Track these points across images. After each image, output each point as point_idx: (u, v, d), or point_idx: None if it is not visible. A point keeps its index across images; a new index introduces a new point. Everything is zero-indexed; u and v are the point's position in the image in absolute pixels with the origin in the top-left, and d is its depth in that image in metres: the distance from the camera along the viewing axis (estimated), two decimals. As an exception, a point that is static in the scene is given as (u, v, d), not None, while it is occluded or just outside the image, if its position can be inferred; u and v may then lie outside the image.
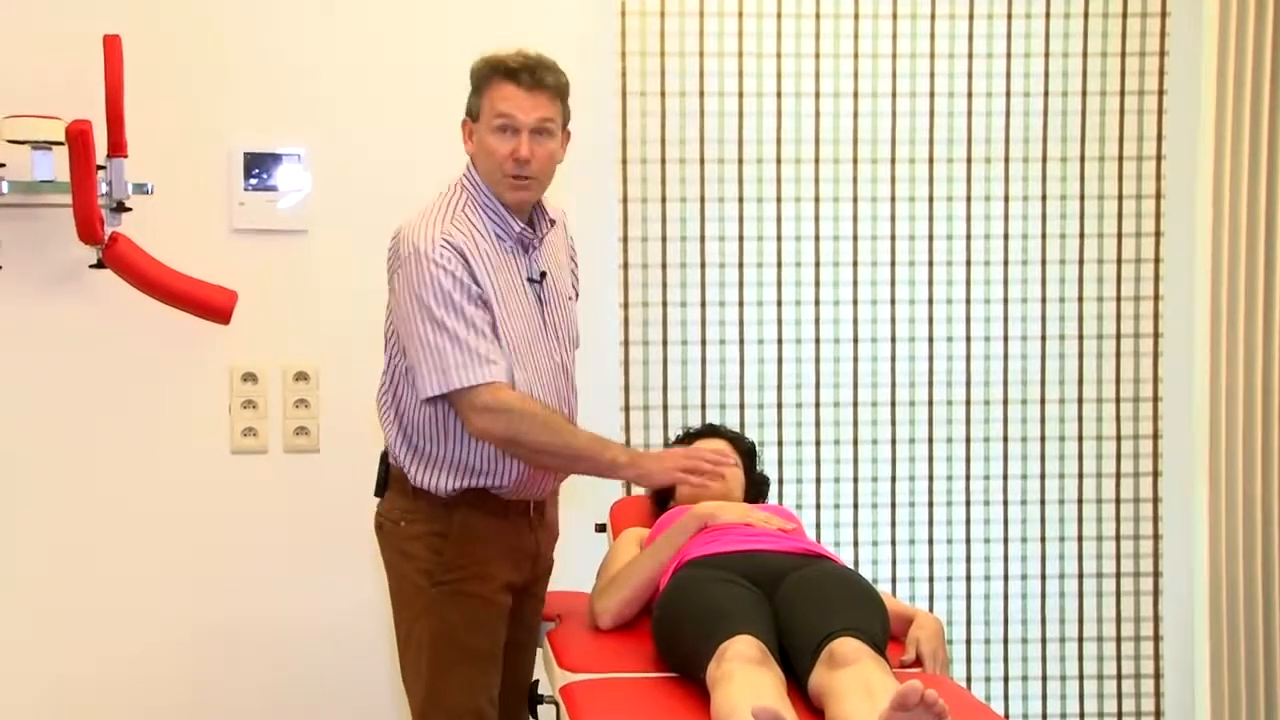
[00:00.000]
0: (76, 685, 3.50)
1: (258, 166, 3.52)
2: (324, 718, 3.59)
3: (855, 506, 3.77)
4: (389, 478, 2.74)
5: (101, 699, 3.51)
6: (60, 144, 3.25)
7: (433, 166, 3.55)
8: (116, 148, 3.30)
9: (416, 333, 2.54)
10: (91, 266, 3.36)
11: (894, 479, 3.78)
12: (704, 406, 3.70)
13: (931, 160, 3.74)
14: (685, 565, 2.77)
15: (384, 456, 2.75)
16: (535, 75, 2.61)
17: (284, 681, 3.57)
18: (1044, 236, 3.79)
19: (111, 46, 3.25)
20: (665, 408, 3.68)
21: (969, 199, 3.76)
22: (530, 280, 2.67)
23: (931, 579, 3.80)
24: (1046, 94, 3.75)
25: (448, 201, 2.65)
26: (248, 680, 3.56)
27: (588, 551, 3.23)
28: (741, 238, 3.70)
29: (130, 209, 3.36)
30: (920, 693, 2.05)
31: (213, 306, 3.41)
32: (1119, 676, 3.84)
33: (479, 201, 2.65)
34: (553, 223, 2.76)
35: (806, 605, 2.54)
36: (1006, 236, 3.78)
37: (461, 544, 2.64)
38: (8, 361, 3.46)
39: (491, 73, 2.63)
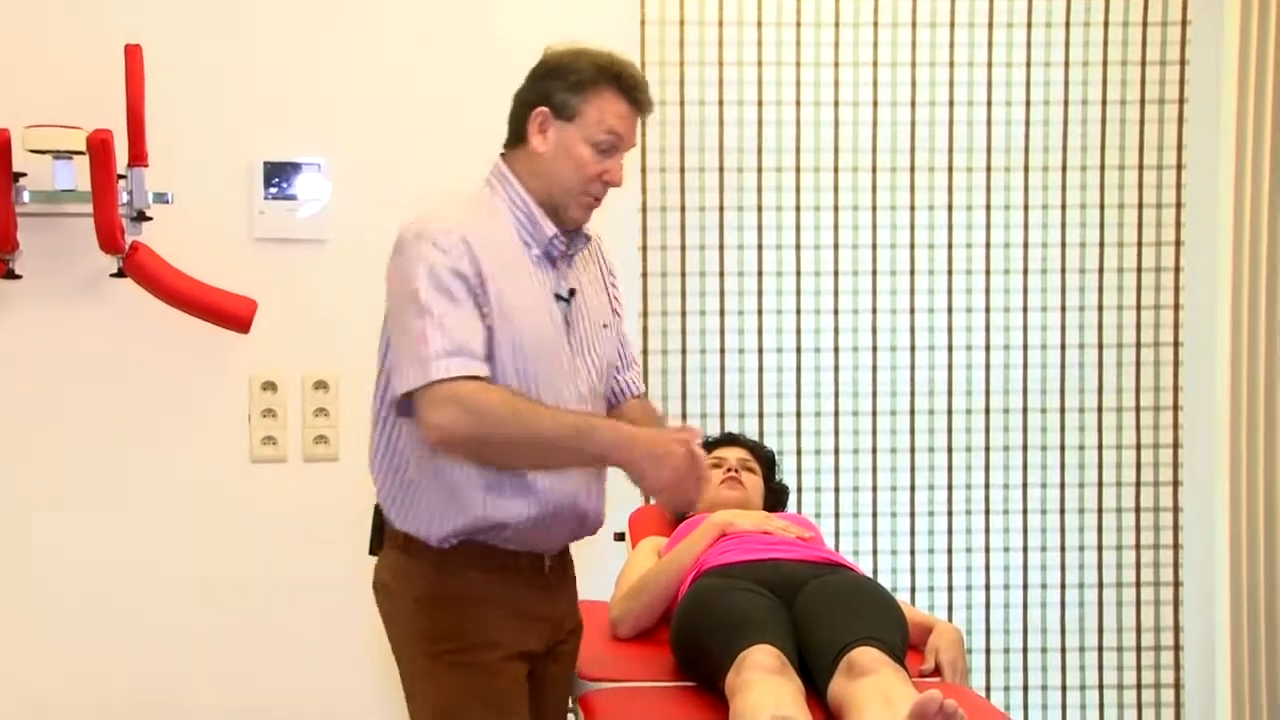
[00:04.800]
0: (92, 690, 3.51)
1: (277, 176, 3.53)
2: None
3: (874, 515, 3.76)
4: (383, 533, 2.39)
5: (116, 704, 3.52)
6: (81, 153, 3.26)
7: (452, 175, 3.57)
8: (137, 157, 3.31)
9: (400, 320, 2.21)
10: (112, 275, 3.37)
11: (913, 488, 3.77)
12: (723, 415, 3.69)
13: (951, 169, 3.74)
14: (704, 574, 2.77)
15: (377, 508, 2.41)
16: (647, 99, 2.35)
17: (301, 690, 3.58)
18: (1064, 245, 3.78)
19: (132, 56, 3.27)
20: (684, 416, 3.68)
21: (989, 208, 3.76)
22: (557, 297, 2.33)
23: (950, 588, 3.79)
24: (1067, 103, 3.74)
25: (470, 196, 2.36)
26: (264, 688, 3.57)
27: (606, 560, 3.22)
28: (761, 246, 3.70)
29: (151, 218, 3.38)
30: (939, 702, 2.05)
31: (232, 315, 3.42)
32: (1139, 686, 3.83)
33: (510, 201, 2.33)
34: (587, 238, 2.43)
35: (825, 614, 2.54)
36: (1026, 245, 3.77)
37: (459, 607, 2.28)
38: (29, 370, 3.47)
39: (603, 78, 2.31)
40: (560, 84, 2.31)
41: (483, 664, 2.27)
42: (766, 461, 3.27)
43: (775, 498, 3.24)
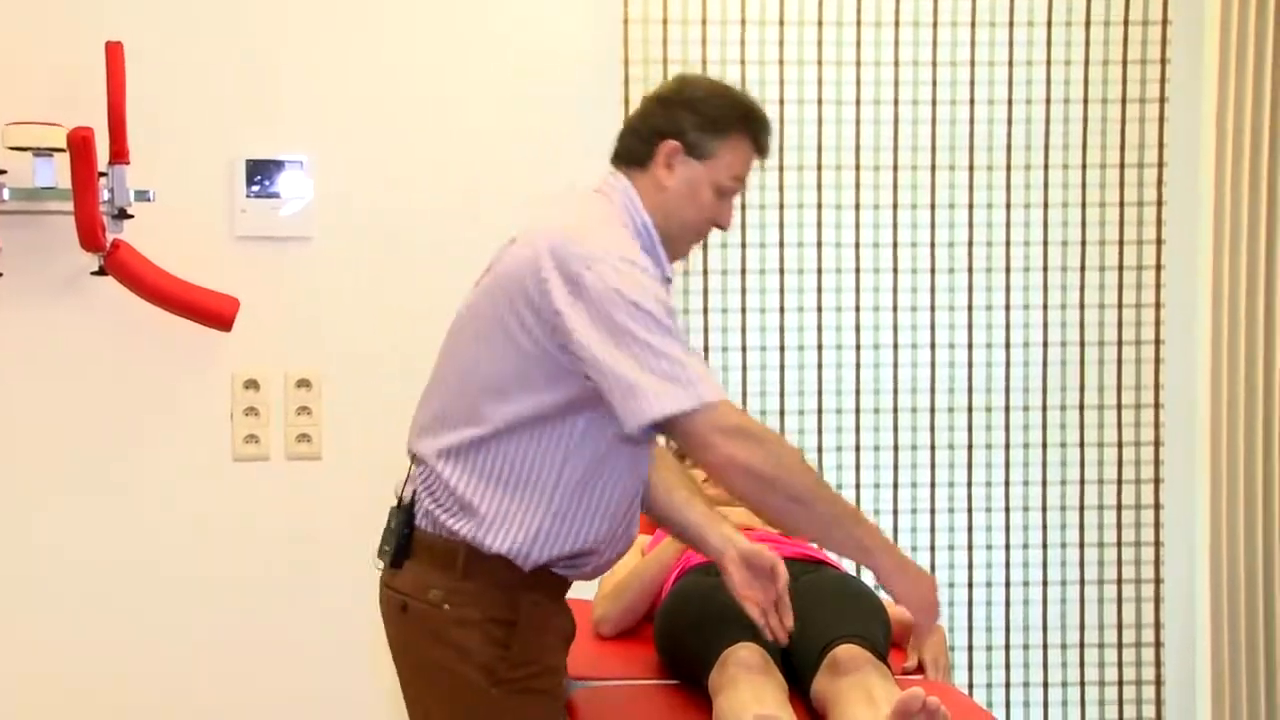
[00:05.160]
0: (73, 690, 3.49)
1: (260, 174, 3.52)
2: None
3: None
4: (412, 544, 2.21)
5: (96, 704, 3.50)
6: (62, 151, 3.25)
7: (435, 173, 3.58)
8: (118, 155, 3.30)
9: (639, 338, 2.02)
10: (93, 274, 3.36)
11: (895, 486, 3.78)
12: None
13: (934, 167, 3.74)
14: (687, 572, 2.77)
15: (405, 516, 2.22)
16: (770, 146, 2.30)
17: (281, 691, 3.57)
18: (1046, 244, 3.79)
19: (113, 53, 3.26)
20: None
21: (971, 206, 3.76)
22: None
23: (933, 586, 3.79)
24: (1049, 101, 3.75)
25: (611, 216, 2.21)
26: (244, 689, 3.56)
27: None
28: (745, 245, 3.70)
29: (132, 216, 3.36)
30: (922, 700, 2.06)
31: (214, 313, 3.41)
32: (1120, 683, 3.84)
33: (635, 231, 2.20)
34: None
35: (809, 612, 2.54)
36: (1008, 243, 3.78)
37: (532, 634, 2.18)
38: (9, 368, 3.46)
39: (744, 124, 2.25)
40: (695, 119, 2.21)
41: (548, 690, 2.22)
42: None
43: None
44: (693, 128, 2.21)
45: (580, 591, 3.04)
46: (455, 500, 2.15)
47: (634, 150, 2.25)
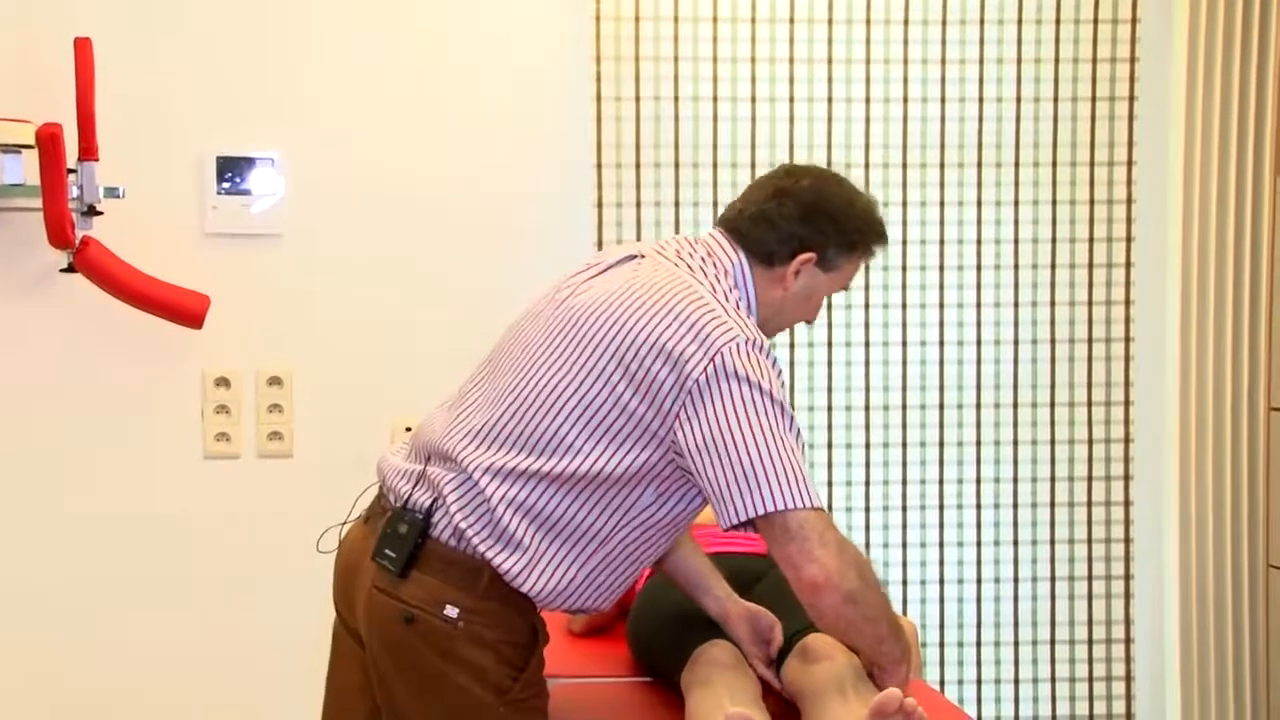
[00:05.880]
0: (41, 689, 3.47)
1: (230, 171, 3.50)
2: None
3: (829, 510, 3.77)
4: (423, 553, 2.14)
5: (68, 702, 3.48)
6: (30, 147, 3.22)
7: (406, 170, 3.57)
8: (87, 151, 3.27)
9: (775, 430, 2.01)
10: (62, 271, 3.34)
11: (867, 483, 3.79)
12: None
13: (905, 165, 3.75)
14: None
15: (420, 524, 2.14)
16: None
17: (254, 690, 3.55)
18: (1016, 241, 3.80)
19: (82, 49, 3.24)
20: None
21: (942, 204, 3.77)
22: None
23: (905, 582, 3.80)
24: (1019, 99, 3.77)
25: (743, 303, 2.22)
26: (215, 687, 3.54)
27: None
28: (716, 242, 3.70)
29: (101, 213, 3.34)
30: (899, 701, 2.06)
31: (185, 311, 3.39)
32: (1090, 679, 3.86)
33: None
34: None
35: (781, 606, 2.54)
36: (979, 241, 3.79)
37: (539, 656, 2.23)
38: (-23, 366, 3.44)
39: (873, 245, 2.32)
40: (837, 236, 2.26)
41: (543, 707, 2.25)
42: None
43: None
44: (832, 244, 2.26)
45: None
46: (494, 525, 2.11)
47: (767, 247, 2.25)
